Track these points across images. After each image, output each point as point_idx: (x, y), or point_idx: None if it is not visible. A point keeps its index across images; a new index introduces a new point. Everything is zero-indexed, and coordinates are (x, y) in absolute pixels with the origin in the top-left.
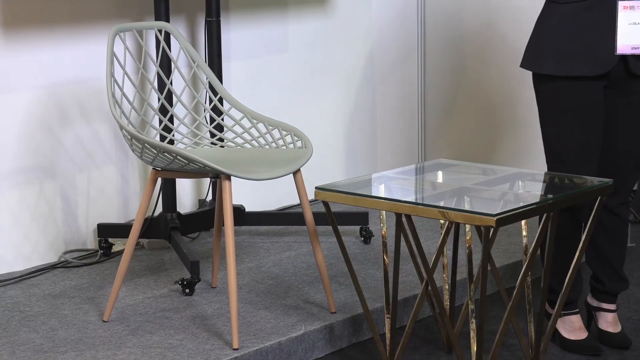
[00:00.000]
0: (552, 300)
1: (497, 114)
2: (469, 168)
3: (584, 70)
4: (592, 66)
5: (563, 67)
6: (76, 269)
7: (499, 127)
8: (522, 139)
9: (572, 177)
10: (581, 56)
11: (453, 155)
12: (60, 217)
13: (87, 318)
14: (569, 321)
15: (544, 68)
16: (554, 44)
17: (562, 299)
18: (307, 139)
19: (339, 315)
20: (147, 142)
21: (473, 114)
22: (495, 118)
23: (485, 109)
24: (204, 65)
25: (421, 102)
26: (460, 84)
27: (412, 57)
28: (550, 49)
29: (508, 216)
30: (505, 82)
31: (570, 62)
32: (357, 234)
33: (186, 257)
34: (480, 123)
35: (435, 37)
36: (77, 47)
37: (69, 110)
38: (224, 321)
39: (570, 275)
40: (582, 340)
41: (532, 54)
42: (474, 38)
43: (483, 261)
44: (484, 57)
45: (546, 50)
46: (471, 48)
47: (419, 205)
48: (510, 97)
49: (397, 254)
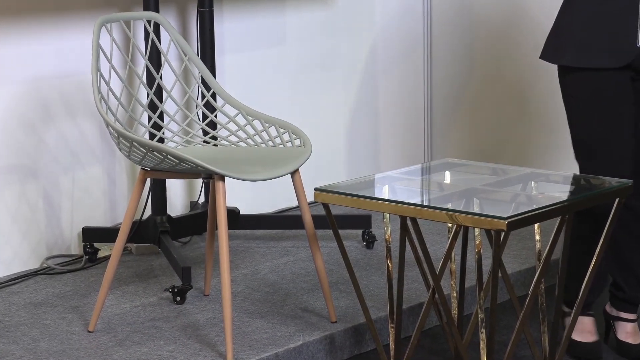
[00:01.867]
0: (569, 301)
1: (508, 110)
2: (478, 168)
3: (602, 61)
4: (611, 57)
5: (583, 58)
6: (59, 275)
7: (510, 124)
8: (535, 137)
9: (589, 177)
10: (601, 47)
11: (461, 155)
12: (43, 220)
13: (71, 328)
14: (581, 322)
15: (563, 59)
16: (574, 34)
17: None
18: (305, 137)
19: (340, 324)
20: (135, 140)
21: (483, 110)
22: (507, 114)
23: (496, 105)
24: (196, 59)
25: (427, 97)
26: (469, 78)
27: (417, 50)
28: (570, 39)
29: (520, 219)
30: (517, 76)
31: (590, 53)
32: (359, 239)
33: (177, 263)
34: (491, 120)
35: (442, 28)
36: (61, 39)
37: (52, 107)
38: (218, 331)
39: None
40: (588, 343)
41: (552, 45)
42: (484, 28)
43: (493, 267)
44: (495, 49)
45: (566, 40)
46: (481, 39)
47: (425, 208)
48: (523, 92)
49: (401, 259)
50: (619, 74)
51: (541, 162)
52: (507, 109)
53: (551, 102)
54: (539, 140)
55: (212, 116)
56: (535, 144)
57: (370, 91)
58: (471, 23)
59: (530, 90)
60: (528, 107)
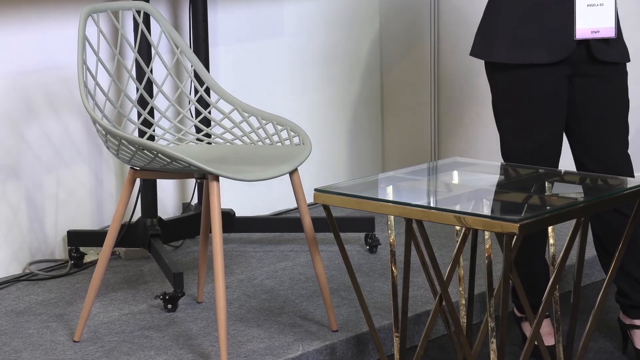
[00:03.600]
0: (624, 304)
1: None
2: (488, 167)
3: (539, 57)
4: (548, 52)
5: (517, 54)
6: (43, 282)
7: None
8: None
9: (606, 177)
10: (537, 41)
11: (470, 153)
12: (25, 223)
13: (56, 338)
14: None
15: (495, 55)
16: (507, 28)
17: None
18: (305, 134)
19: (342, 334)
20: (124, 138)
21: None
22: None
23: None
24: (189, 51)
25: (434, 91)
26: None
27: (424, 41)
28: (503, 34)
29: (533, 222)
30: None
31: (525, 48)
32: (361, 242)
33: (168, 268)
34: None
35: (450, 18)
36: (44, 30)
37: (34, 102)
38: (212, 341)
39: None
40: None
41: (483, 39)
42: None
43: (504, 273)
44: None
45: (498, 35)
46: None
47: (431, 210)
48: None
49: (406, 264)
50: (555, 70)
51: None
52: None
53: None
54: None
55: (205, 112)
56: None
57: (373, 85)
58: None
59: None
60: None
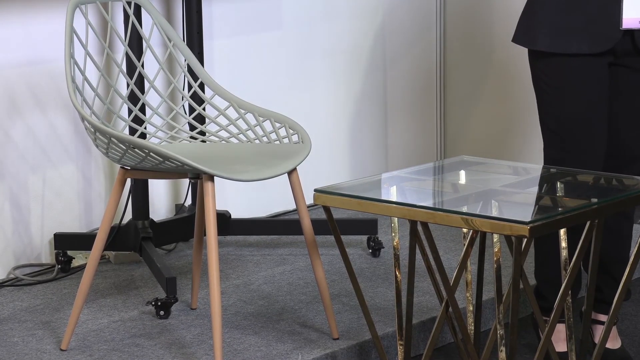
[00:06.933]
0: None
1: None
2: (497, 167)
3: (581, 47)
4: (592, 43)
5: (559, 43)
6: (28, 287)
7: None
8: None
9: (621, 177)
10: (580, 31)
11: (478, 152)
12: (10, 225)
13: (42, 346)
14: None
15: (537, 43)
16: (550, 16)
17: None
18: (304, 132)
19: (343, 341)
20: (113, 135)
21: (503, 102)
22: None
23: (516, 97)
24: (182, 45)
25: (440, 87)
26: (486, 66)
27: (429, 34)
28: (545, 21)
29: (544, 224)
30: None
31: (568, 38)
32: (364, 245)
33: (160, 272)
34: (510, 113)
35: (457, 10)
36: (29, 22)
37: (19, 98)
38: (206, 349)
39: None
40: (617, 349)
41: (525, 27)
42: (503, 7)
43: (514, 278)
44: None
45: (540, 23)
46: (501, 23)
47: (437, 211)
48: None
49: (411, 269)
50: (597, 59)
51: None
52: (531, 101)
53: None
54: None
55: (199, 109)
56: None
57: (376, 81)
58: (489, 3)
59: None
60: None
